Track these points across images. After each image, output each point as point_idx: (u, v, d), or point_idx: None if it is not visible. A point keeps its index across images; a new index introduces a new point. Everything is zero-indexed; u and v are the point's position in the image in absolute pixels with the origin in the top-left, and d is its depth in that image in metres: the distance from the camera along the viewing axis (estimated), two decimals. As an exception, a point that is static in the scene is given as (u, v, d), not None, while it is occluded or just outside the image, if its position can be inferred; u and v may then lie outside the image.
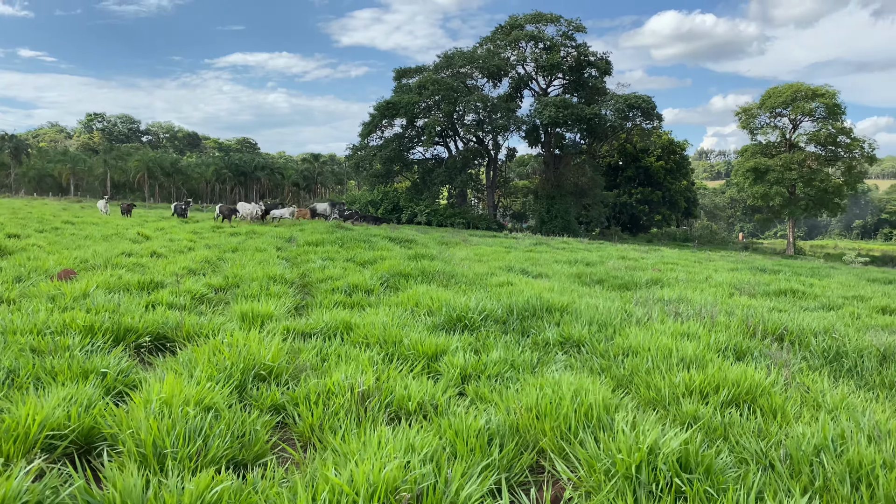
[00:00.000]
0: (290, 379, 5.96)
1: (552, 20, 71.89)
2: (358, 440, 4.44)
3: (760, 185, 74.08)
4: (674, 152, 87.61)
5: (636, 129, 74.05)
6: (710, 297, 13.68)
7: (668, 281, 17.04)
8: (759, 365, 6.39)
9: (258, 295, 10.26)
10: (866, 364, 6.77)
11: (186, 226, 30.88)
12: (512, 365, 6.33)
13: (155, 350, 7.33)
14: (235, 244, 20.63)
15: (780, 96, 74.21)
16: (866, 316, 12.28)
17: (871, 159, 79.00)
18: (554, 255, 26.55)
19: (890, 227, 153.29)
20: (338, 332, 7.70)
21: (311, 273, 13.63)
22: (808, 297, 15.45)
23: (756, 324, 8.11)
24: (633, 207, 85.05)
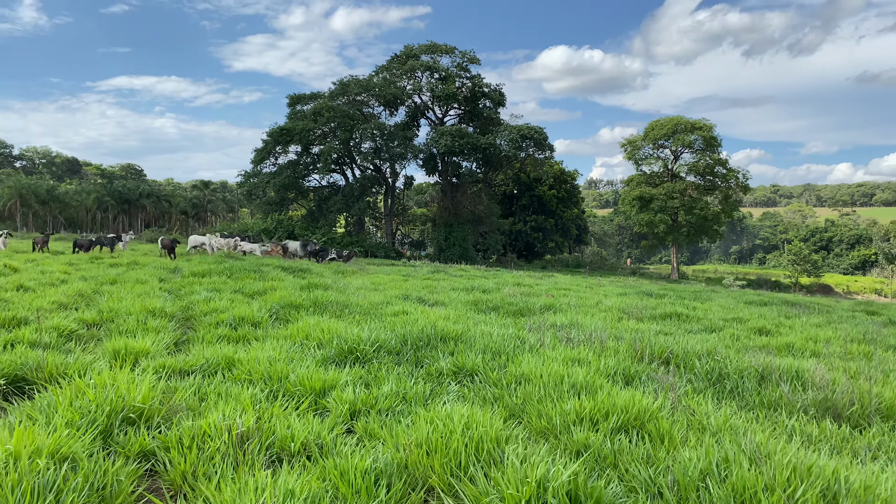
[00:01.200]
0: (162, 422, 5.49)
1: (447, 51, 73.25)
2: (234, 487, 4.09)
3: (645, 213, 77.87)
4: (565, 181, 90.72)
5: (530, 158, 76.22)
6: (601, 322, 14.01)
7: (560, 306, 17.36)
8: (648, 389, 6.48)
9: (134, 330, 9.57)
10: (746, 385, 7.01)
11: (62, 257, 28.85)
12: (404, 398, 6.12)
13: (11, 394, 6.62)
14: (114, 276, 19.37)
15: (662, 129, 78.65)
16: (745, 337, 12.93)
17: (746, 188, 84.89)
18: (451, 282, 26.61)
19: (763, 252, 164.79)
20: (219, 369, 7.23)
21: (194, 306, 12.91)
22: (692, 320, 16.14)
23: (643, 348, 8.29)
24: (528, 235, 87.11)
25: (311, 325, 9.46)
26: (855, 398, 6.25)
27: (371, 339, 8.19)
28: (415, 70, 71.59)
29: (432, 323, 9.35)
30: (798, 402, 6.30)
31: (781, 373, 7.19)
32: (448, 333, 8.84)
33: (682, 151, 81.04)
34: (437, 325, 9.17)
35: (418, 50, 73.42)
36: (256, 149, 68.99)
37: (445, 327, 9.20)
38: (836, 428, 5.67)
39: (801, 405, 6.23)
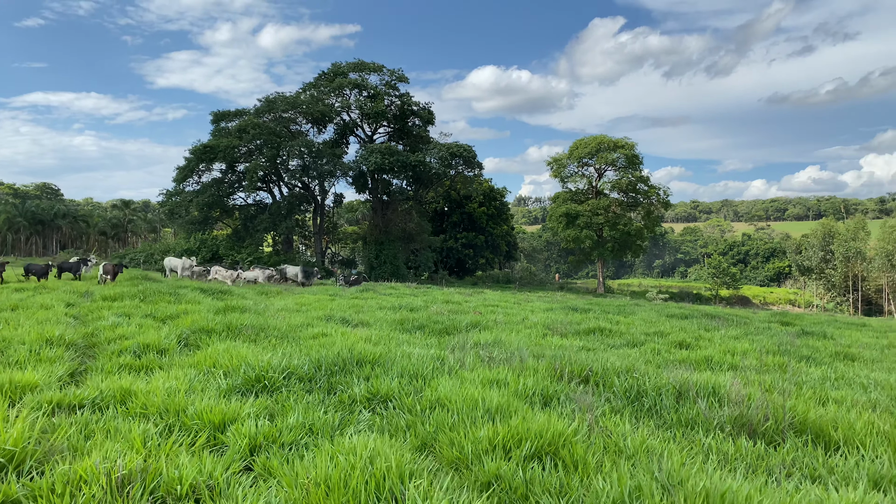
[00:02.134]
0: (36, 465, 4.94)
1: (375, 69, 73.11)
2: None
3: (572, 229, 79.36)
4: (494, 199, 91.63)
5: (459, 176, 76.62)
6: (525, 339, 13.91)
7: (487, 324, 17.22)
8: (566, 410, 6.32)
9: (25, 361, 8.82)
10: (664, 402, 6.94)
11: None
12: (310, 429, 5.74)
13: None
14: (16, 301, 18.14)
15: (586, 147, 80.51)
16: (665, 351, 13.04)
17: (667, 204, 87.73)
18: (379, 301, 26.19)
19: (685, 266, 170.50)
20: (113, 403, 6.67)
21: (100, 332, 12.12)
22: (615, 334, 16.25)
23: (563, 366, 8.15)
24: (458, 251, 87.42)
25: (220, 352, 8.94)
26: (769, 413, 6.24)
27: (282, 366, 7.76)
28: (343, 87, 71.09)
29: (350, 346, 8.98)
30: (715, 418, 6.25)
31: (699, 389, 7.16)
32: (365, 357, 8.49)
33: (605, 169, 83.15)
34: (354, 348, 8.81)
35: (346, 67, 73.01)
36: (179, 166, 66.89)
37: (364, 350, 8.85)
38: (751, 445, 5.62)
39: (717, 422, 6.18)
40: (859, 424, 6.35)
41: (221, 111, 71.07)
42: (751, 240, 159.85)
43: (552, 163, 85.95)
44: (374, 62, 73.48)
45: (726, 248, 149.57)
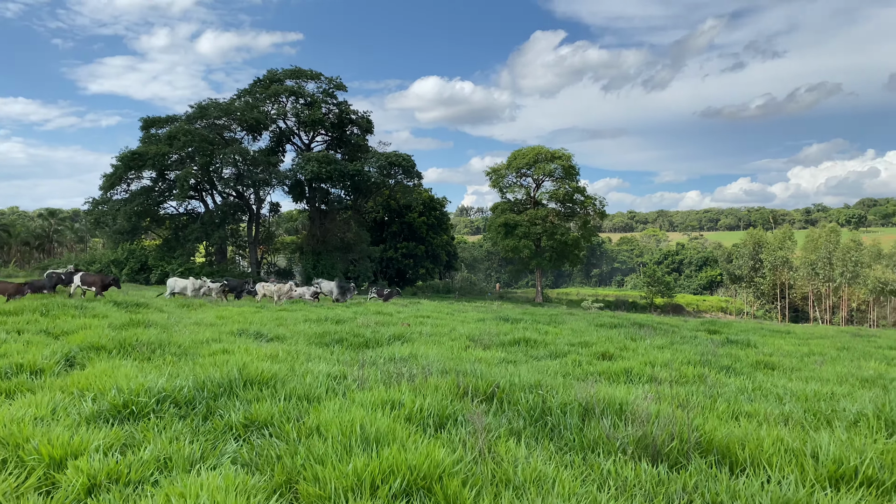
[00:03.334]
0: None
1: (312, 77, 72.01)
2: None
3: (511, 239, 79.77)
4: (434, 208, 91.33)
5: (399, 185, 76.00)
6: (446, 352, 13.43)
7: (411, 336, 16.67)
8: (459, 434, 5.82)
9: None
10: (569, 421, 6.52)
11: None
12: (166, 463, 5.08)
13: None
14: None
15: (525, 158, 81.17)
16: (587, 363, 12.74)
17: (603, 214, 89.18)
18: (307, 312, 25.34)
19: (622, 275, 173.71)
20: (-51, 435, 5.84)
21: (-23, 351, 11.05)
22: (540, 345, 15.92)
23: (468, 383, 7.67)
24: (398, 262, 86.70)
25: (99, 373, 8.13)
26: (675, 432, 5.88)
27: (157, 389, 7.03)
28: (279, 94, 69.76)
29: (242, 365, 8.29)
30: (618, 439, 5.85)
31: (606, 406, 6.78)
32: (257, 376, 7.83)
33: (543, 179, 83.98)
34: (247, 367, 8.14)
35: (282, 74, 71.68)
36: (106, 174, 64.27)
37: (258, 369, 8.18)
38: (652, 470, 5.23)
39: (620, 444, 5.78)
40: (768, 442, 6.05)
41: (151, 117, 68.80)
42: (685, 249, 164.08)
43: (491, 173, 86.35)
44: (311, 70, 72.40)
45: (661, 258, 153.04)
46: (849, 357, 17.14)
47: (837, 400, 8.99)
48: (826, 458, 5.75)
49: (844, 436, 6.65)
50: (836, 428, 7.12)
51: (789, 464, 5.65)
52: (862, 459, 5.70)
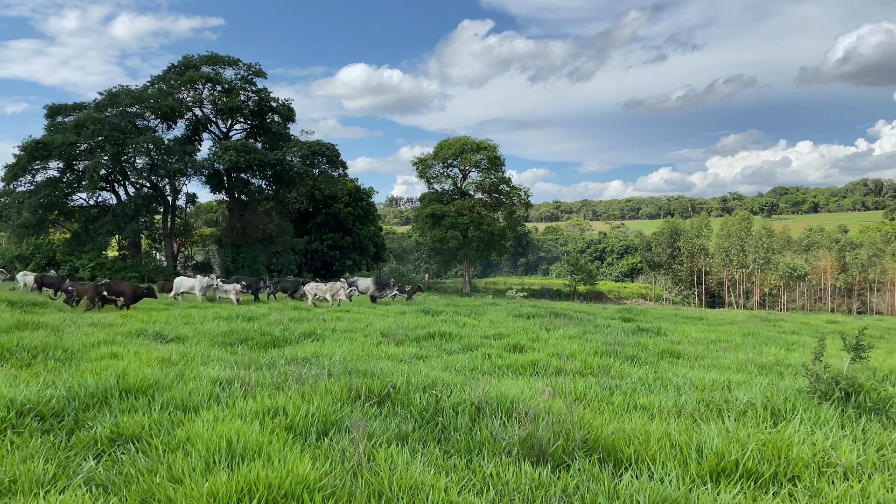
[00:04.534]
0: None
1: (230, 63, 69.82)
2: None
3: (438, 229, 79.81)
4: (361, 199, 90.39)
5: (323, 175, 74.72)
6: (357, 349, 13.13)
7: (324, 333, 16.27)
8: (341, 441, 5.55)
9: None
10: (460, 421, 6.35)
11: None
12: (11, 486, 4.62)
13: None
14: None
15: (451, 149, 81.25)
16: (497, 356, 12.66)
17: (528, 205, 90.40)
18: (219, 309, 24.51)
19: (547, 264, 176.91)
20: None
21: None
22: (455, 338, 15.79)
23: (362, 385, 7.41)
24: (324, 253, 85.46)
25: (-42, 384, 7.45)
26: (561, 431, 5.79)
27: (21, 400, 6.47)
28: (195, 81, 67.29)
29: (121, 371, 7.77)
30: (504, 440, 5.71)
31: (497, 404, 6.65)
32: (134, 384, 7.34)
33: (469, 170, 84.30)
34: (126, 375, 7.62)
35: (198, 61, 69.15)
36: (7, 165, 60.60)
37: (138, 375, 7.68)
38: (534, 472, 5.10)
39: (506, 445, 5.64)
40: (654, 437, 6.04)
41: (57, 105, 65.21)
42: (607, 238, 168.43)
43: (418, 163, 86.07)
44: (229, 56, 70.17)
45: (585, 246, 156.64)
46: (752, 343, 17.74)
47: (732, 389, 9.17)
48: (710, 452, 5.77)
49: (732, 427, 6.74)
50: (726, 419, 7.22)
51: (673, 459, 5.64)
52: (743, 452, 5.74)
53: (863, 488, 5.18)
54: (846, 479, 5.50)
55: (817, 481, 5.36)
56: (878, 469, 5.77)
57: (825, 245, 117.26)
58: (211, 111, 70.12)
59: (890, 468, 5.84)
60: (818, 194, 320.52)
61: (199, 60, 68.90)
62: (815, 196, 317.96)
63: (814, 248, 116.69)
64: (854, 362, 9.07)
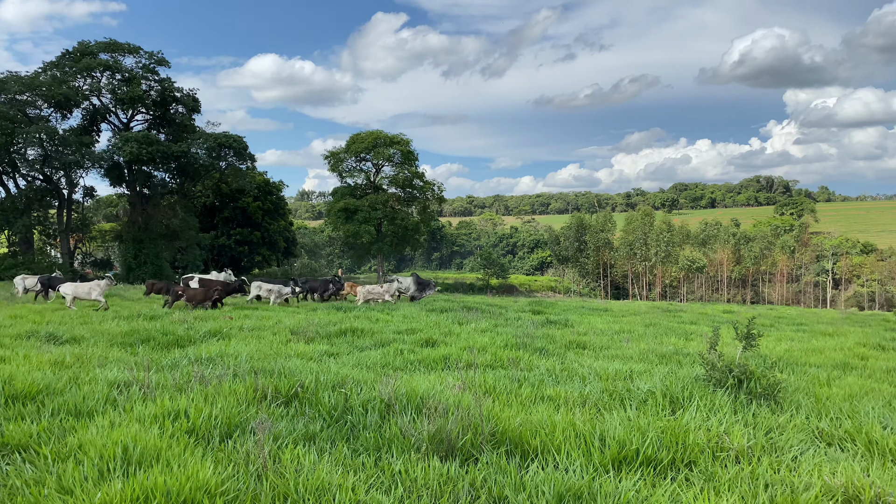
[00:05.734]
0: None
1: (130, 51, 66.58)
2: None
3: (351, 224, 79.07)
4: (271, 193, 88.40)
5: (230, 168, 72.49)
6: (266, 347, 12.82)
7: (230, 331, 15.81)
8: (246, 444, 5.40)
9: None
10: (370, 419, 6.31)
11: None
12: None
13: None
14: None
15: (363, 143, 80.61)
16: (409, 351, 12.67)
17: (441, 200, 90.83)
18: (119, 308, 23.44)
19: (461, 258, 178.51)
20: None
21: None
22: (367, 334, 15.68)
23: (268, 384, 7.24)
24: (232, 249, 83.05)
25: None
26: (470, 424, 5.84)
27: None
28: (92, 69, 63.76)
29: (6, 377, 7.28)
30: (414, 436, 5.71)
31: (407, 400, 6.65)
32: (22, 390, 6.89)
33: (383, 164, 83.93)
34: (13, 380, 7.15)
35: (96, 47, 65.53)
36: None
37: (27, 380, 7.21)
38: (442, 467, 5.12)
39: (415, 441, 5.64)
40: (560, 428, 6.19)
41: (-65, 91, 60.31)
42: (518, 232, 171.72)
43: (330, 157, 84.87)
44: (129, 43, 66.86)
45: (497, 241, 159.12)
46: (653, 333, 18.48)
47: (634, 379, 9.52)
48: (612, 440, 5.96)
49: (633, 416, 6.99)
50: (628, 408, 7.49)
51: (578, 449, 5.80)
52: (644, 440, 5.97)
53: (752, 471, 5.47)
54: (738, 462, 5.81)
55: (711, 466, 5.64)
56: (767, 451, 6.13)
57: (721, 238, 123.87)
58: (110, 101, 66.65)
59: (777, 450, 6.22)
60: (715, 190, 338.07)
61: (97, 47, 65.35)
62: (713, 192, 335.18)
63: (711, 241, 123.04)
64: (746, 350, 9.61)
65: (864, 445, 6.41)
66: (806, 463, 5.73)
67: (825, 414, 7.71)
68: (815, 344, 16.54)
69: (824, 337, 19.02)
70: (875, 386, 9.98)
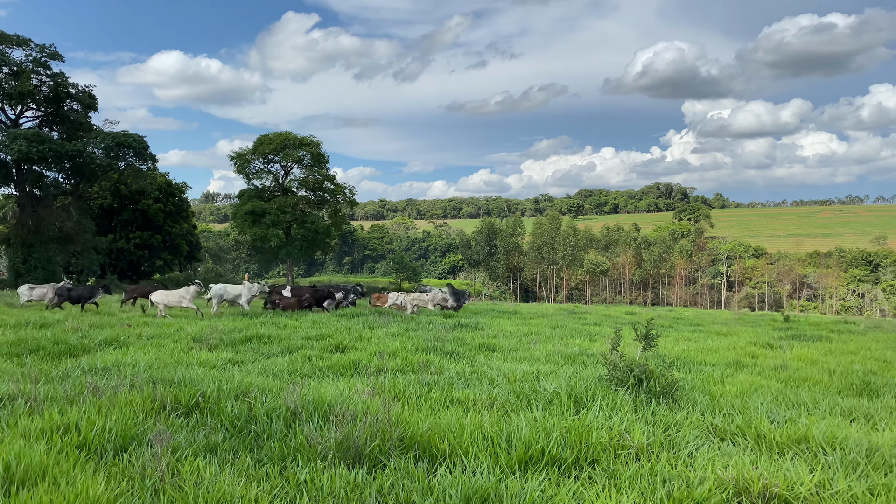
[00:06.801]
0: None
1: (20, 43, 62.51)
2: None
3: (259, 227, 77.10)
4: (173, 195, 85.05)
5: (130, 169, 69.21)
6: (166, 356, 12.30)
7: (128, 339, 15.08)
8: (142, 457, 5.15)
9: None
10: (275, 428, 6.15)
11: None
12: None
13: None
14: None
15: (271, 144, 78.84)
16: (318, 357, 12.46)
17: (353, 203, 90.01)
18: (6, 316, 21.90)
19: (373, 262, 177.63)
20: None
21: None
22: (274, 341, 15.32)
23: (167, 394, 6.94)
24: (132, 253, 79.32)
25: None
26: (378, 430, 5.80)
27: None
28: (-26, 61, 59.50)
29: None
30: (320, 444, 5.61)
31: (314, 408, 6.52)
32: None
33: (292, 166, 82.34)
34: None
35: (-21, 38, 61.22)
36: None
37: None
38: (349, 474, 5.06)
39: (322, 449, 5.54)
40: (468, 431, 6.24)
41: None
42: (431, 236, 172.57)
43: (236, 158, 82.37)
44: (17, 35, 62.73)
45: (409, 244, 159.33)
46: (560, 335, 18.98)
47: (541, 380, 9.72)
48: (519, 441, 6.06)
49: (540, 416, 7.14)
50: (535, 409, 7.64)
51: (485, 451, 5.86)
52: (549, 440, 6.10)
53: (651, 467, 5.69)
54: (638, 459, 6.02)
55: (613, 464, 5.82)
56: (665, 448, 6.39)
57: (623, 243, 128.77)
58: (-4, 95, 62.38)
59: (674, 447, 6.49)
60: (618, 196, 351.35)
61: (-20, 37, 61.04)
62: (616, 198, 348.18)
63: (613, 245, 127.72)
64: (646, 350, 10.00)
65: (754, 439, 6.79)
66: (701, 458, 6.00)
67: (719, 410, 8.12)
68: (711, 344, 17.43)
69: (719, 337, 20.08)
70: (764, 383, 10.61)
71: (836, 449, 6.25)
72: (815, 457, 6.12)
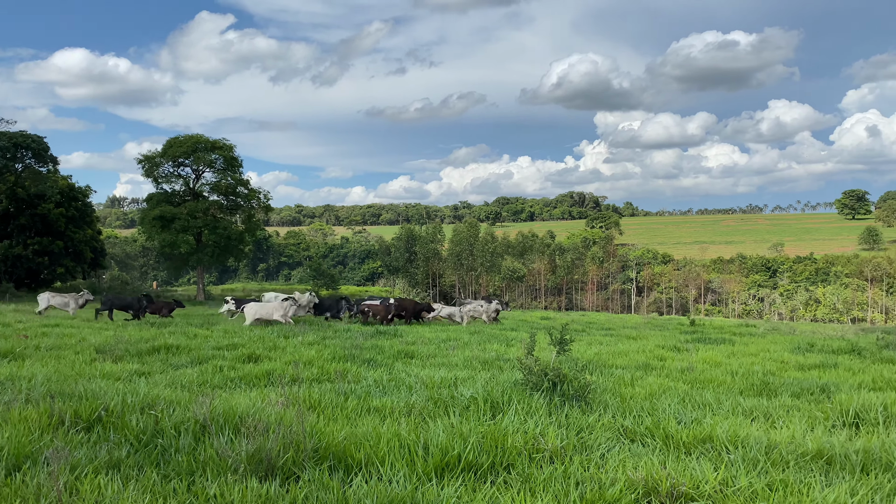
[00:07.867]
0: None
1: None
2: None
3: (168, 232, 74.21)
4: (76, 199, 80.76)
5: (28, 171, 65.60)
6: (67, 368, 11.65)
7: (26, 351, 14.19)
8: (37, 476, 4.84)
9: None
10: (183, 442, 5.91)
11: None
12: None
13: None
14: None
15: (182, 147, 76.13)
16: (229, 367, 12.09)
17: (268, 209, 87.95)
18: None
19: (289, 269, 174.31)
20: None
21: None
22: (183, 351, 14.77)
23: (66, 409, 6.56)
24: (30, 260, 74.76)
25: None
26: (291, 442, 5.67)
27: None
28: None
29: None
30: (231, 457, 5.43)
31: (225, 420, 6.32)
32: None
33: (203, 170, 79.74)
34: None
35: None
36: None
37: None
38: (260, 488, 4.92)
39: (232, 462, 5.37)
40: (385, 439, 6.19)
41: None
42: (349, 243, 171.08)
43: (143, 161, 78.97)
44: None
45: (327, 251, 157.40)
46: (478, 341, 19.13)
47: (458, 385, 9.77)
48: (435, 448, 6.05)
49: (457, 422, 7.16)
50: (452, 415, 7.66)
51: (402, 459, 5.82)
52: (465, 445, 6.12)
53: (565, 470, 5.80)
54: (552, 462, 6.13)
55: (528, 467, 5.90)
56: (578, 451, 6.54)
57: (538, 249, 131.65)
58: None
59: (587, 449, 6.65)
60: (534, 204, 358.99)
61: None
62: (532, 206, 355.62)
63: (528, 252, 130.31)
64: (560, 355, 10.23)
65: (662, 440, 7.04)
66: (612, 459, 6.17)
67: (629, 412, 8.38)
68: (621, 347, 18.00)
69: (629, 340, 20.76)
70: (672, 384, 11.02)
71: (738, 447, 6.56)
72: (719, 455, 6.39)
